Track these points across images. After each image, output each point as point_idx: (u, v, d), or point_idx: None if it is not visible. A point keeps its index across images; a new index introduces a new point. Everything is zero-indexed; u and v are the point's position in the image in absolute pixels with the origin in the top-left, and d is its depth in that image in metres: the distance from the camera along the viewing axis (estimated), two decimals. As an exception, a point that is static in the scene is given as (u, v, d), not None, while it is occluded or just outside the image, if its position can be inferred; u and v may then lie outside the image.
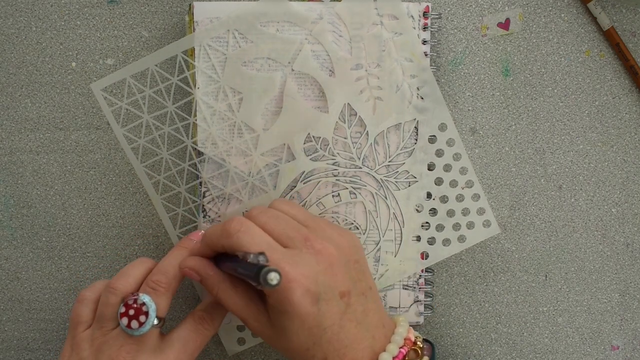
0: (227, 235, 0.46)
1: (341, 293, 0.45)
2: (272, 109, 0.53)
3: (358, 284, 0.47)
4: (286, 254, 0.45)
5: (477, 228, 0.56)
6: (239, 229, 0.46)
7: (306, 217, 0.49)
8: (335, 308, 0.45)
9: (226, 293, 0.47)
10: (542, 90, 0.57)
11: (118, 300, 0.47)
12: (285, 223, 0.47)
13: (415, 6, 0.53)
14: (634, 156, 0.57)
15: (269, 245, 0.45)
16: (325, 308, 0.44)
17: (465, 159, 0.55)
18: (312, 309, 0.44)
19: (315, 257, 0.45)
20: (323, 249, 0.46)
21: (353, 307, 0.46)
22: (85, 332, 0.48)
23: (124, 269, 0.49)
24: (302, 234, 0.46)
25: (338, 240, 0.47)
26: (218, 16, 0.52)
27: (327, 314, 0.44)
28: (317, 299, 0.44)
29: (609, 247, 0.58)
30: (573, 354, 0.59)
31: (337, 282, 0.45)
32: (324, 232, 0.47)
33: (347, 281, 0.46)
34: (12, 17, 0.55)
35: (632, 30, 0.56)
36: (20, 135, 0.56)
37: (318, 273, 0.44)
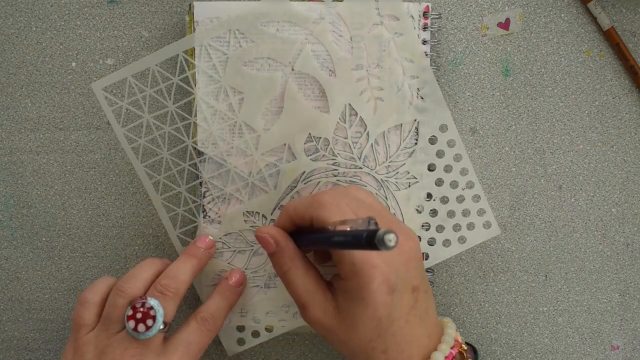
0: (319, 206, 0.45)
1: (413, 287, 0.45)
2: (272, 109, 0.53)
3: (424, 281, 0.47)
4: None
5: (477, 229, 0.56)
6: (331, 201, 0.45)
7: (382, 207, 0.49)
8: (406, 302, 0.45)
9: (297, 273, 0.46)
10: (542, 90, 0.57)
11: (126, 302, 0.47)
12: (367, 208, 0.47)
13: (415, 6, 0.53)
14: (634, 156, 0.57)
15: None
16: (398, 300, 0.44)
17: (465, 160, 0.55)
18: (387, 298, 0.44)
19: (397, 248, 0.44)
20: (404, 241, 0.46)
21: (420, 302, 0.46)
22: (88, 335, 0.47)
23: (133, 271, 0.49)
24: (385, 221, 0.46)
25: (413, 236, 0.47)
26: (218, 16, 0.52)
27: (398, 306, 0.44)
28: (393, 289, 0.44)
29: (609, 247, 0.58)
30: (573, 354, 0.59)
31: (412, 276, 0.45)
32: (399, 225, 0.48)
33: (418, 277, 0.46)
34: (12, 17, 0.55)
35: (632, 30, 0.56)
36: (20, 135, 0.56)
37: (399, 264, 0.44)
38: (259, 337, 0.56)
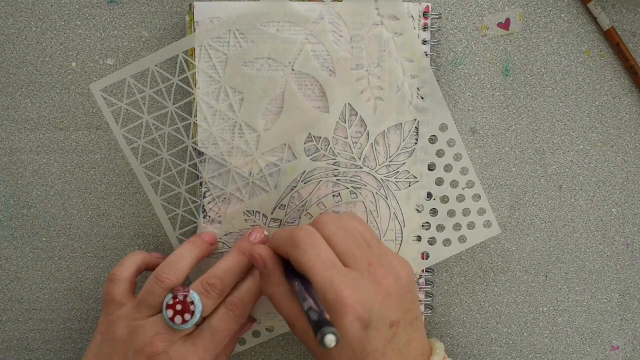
0: (293, 244, 0.46)
1: (391, 322, 0.45)
2: (272, 109, 0.53)
3: (407, 313, 0.47)
4: (347, 277, 0.44)
5: (477, 228, 0.56)
6: (305, 240, 0.46)
7: (372, 237, 0.49)
8: (382, 336, 0.45)
9: (282, 297, 0.47)
10: (542, 90, 0.57)
11: (164, 292, 0.48)
12: (352, 240, 0.47)
13: (415, 6, 0.53)
14: (634, 156, 0.57)
15: (332, 263, 0.45)
16: (373, 335, 0.44)
17: (465, 159, 0.55)
18: (360, 334, 0.44)
19: (375, 285, 0.45)
20: (384, 279, 0.46)
21: (399, 336, 0.46)
22: (121, 311, 0.49)
23: (172, 257, 0.50)
24: (367, 257, 0.46)
25: (398, 269, 0.47)
26: (218, 16, 0.52)
27: (373, 340, 0.44)
28: (367, 325, 0.44)
29: (609, 247, 0.58)
30: (573, 354, 0.59)
31: (390, 312, 0.45)
32: (386, 258, 0.47)
33: (399, 311, 0.46)
34: (12, 17, 0.55)
35: (632, 30, 0.56)
36: (20, 135, 0.56)
37: (374, 302, 0.44)
38: (260, 336, 0.56)
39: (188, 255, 0.50)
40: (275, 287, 0.47)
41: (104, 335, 0.49)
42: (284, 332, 0.57)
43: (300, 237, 0.46)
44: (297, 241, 0.46)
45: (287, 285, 0.47)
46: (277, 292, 0.47)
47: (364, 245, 0.47)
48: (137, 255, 0.52)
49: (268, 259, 0.48)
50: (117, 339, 0.48)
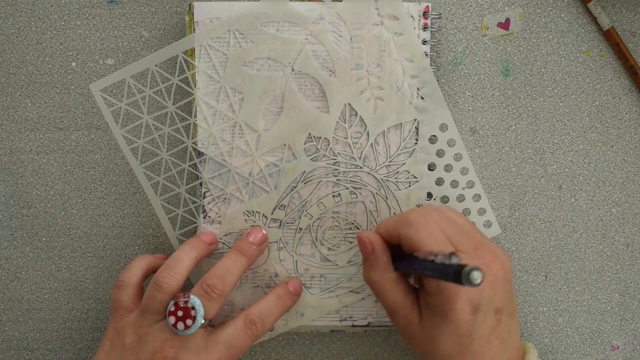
0: (406, 224, 0.46)
1: (497, 309, 0.45)
2: (272, 109, 0.53)
3: (509, 303, 0.47)
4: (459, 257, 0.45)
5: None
6: (419, 220, 0.46)
7: (473, 227, 0.49)
8: (488, 322, 0.45)
9: (388, 283, 0.47)
10: (542, 90, 0.57)
11: (165, 297, 0.48)
12: (456, 227, 0.47)
13: (415, 6, 0.53)
14: (634, 156, 0.57)
15: (444, 243, 0.45)
16: (481, 320, 0.44)
17: (466, 160, 0.55)
18: (470, 317, 0.44)
19: (484, 268, 0.45)
20: (492, 262, 0.46)
21: (502, 324, 0.46)
22: (129, 318, 0.48)
23: (171, 261, 0.49)
24: (473, 242, 0.47)
25: (501, 256, 0.47)
26: (218, 16, 0.52)
27: (480, 325, 0.45)
28: (477, 309, 0.44)
29: (609, 247, 0.58)
30: (573, 354, 0.59)
31: (497, 297, 0.45)
32: (489, 245, 0.48)
33: (503, 298, 0.46)
34: (12, 17, 0.55)
35: (632, 30, 0.56)
36: (20, 135, 0.56)
37: (485, 285, 0.45)
38: (259, 337, 0.56)
39: (186, 257, 0.50)
40: (381, 272, 0.47)
41: (112, 342, 0.48)
42: (284, 332, 0.57)
43: (413, 217, 0.46)
44: (410, 221, 0.46)
45: (393, 272, 0.47)
46: (382, 279, 0.47)
47: (468, 233, 0.48)
48: (143, 260, 0.52)
49: (376, 243, 0.48)
50: (126, 346, 0.48)
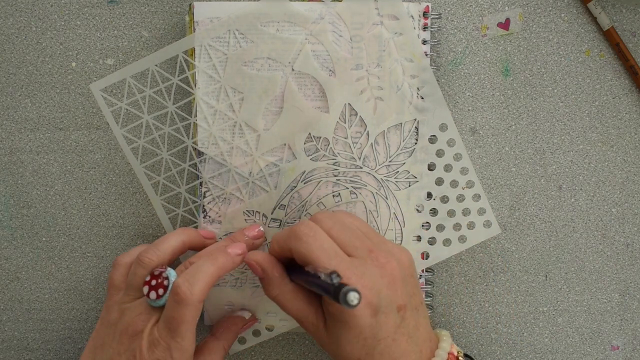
0: (296, 238, 0.46)
1: (399, 307, 0.46)
2: (272, 109, 0.53)
3: (413, 298, 0.47)
4: (352, 264, 0.45)
5: (477, 228, 0.56)
6: (307, 232, 0.46)
7: (368, 229, 0.50)
8: (391, 321, 0.45)
9: (285, 297, 0.47)
10: (542, 90, 0.57)
11: (145, 272, 0.48)
12: (350, 231, 0.48)
13: (415, 6, 0.53)
14: (634, 156, 0.57)
15: (335, 253, 0.46)
16: (383, 320, 0.45)
17: (465, 159, 0.55)
18: (371, 320, 0.44)
19: (379, 270, 0.45)
20: (387, 262, 0.46)
21: (407, 320, 0.46)
22: (117, 296, 0.49)
23: (159, 240, 0.50)
24: (367, 245, 0.47)
25: (399, 254, 0.48)
26: (218, 16, 0.52)
27: (383, 326, 0.45)
28: (377, 311, 0.44)
29: (609, 247, 0.58)
30: (573, 354, 0.59)
31: (397, 296, 0.46)
32: (385, 246, 0.48)
33: (405, 295, 0.46)
34: (12, 17, 0.55)
35: (632, 30, 0.56)
36: (20, 135, 0.56)
37: (381, 286, 0.45)
38: (260, 336, 0.56)
39: (173, 239, 0.50)
40: (277, 287, 0.48)
41: (102, 320, 0.49)
42: (284, 332, 0.57)
43: (302, 230, 0.46)
44: (299, 235, 0.46)
45: (289, 284, 0.48)
46: (281, 293, 0.48)
47: (362, 236, 0.48)
48: (141, 246, 0.52)
49: (264, 263, 0.48)
50: (111, 322, 0.48)
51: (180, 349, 0.45)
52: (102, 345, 0.48)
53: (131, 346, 0.46)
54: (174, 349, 0.45)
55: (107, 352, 0.47)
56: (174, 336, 0.45)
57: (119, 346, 0.46)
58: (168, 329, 0.45)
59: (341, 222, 0.48)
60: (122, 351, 0.46)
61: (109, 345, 0.47)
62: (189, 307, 0.45)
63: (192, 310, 0.45)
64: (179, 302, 0.45)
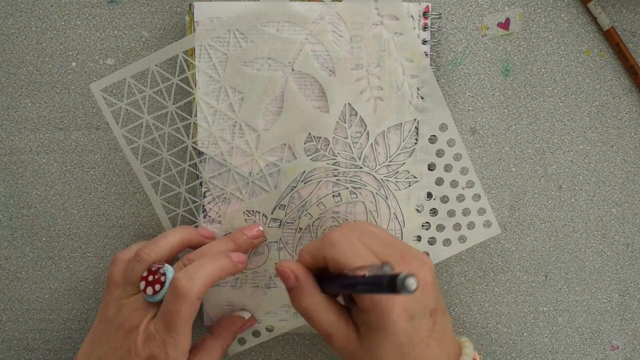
0: (330, 245, 0.46)
1: (431, 311, 0.46)
2: (272, 109, 0.53)
3: (440, 303, 0.48)
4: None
5: (477, 228, 0.56)
6: (341, 240, 0.46)
7: (392, 237, 0.50)
8: (425, 325, 0.45)
9: (319, 307, 0.46)
10: (542, 90, 0.57)
11: (142, 268, 0.48)
12: (379, 239, 0.48)
13: (415, 6, 0.53)
14: (634, 156, 0.57)
15: (371, 258, 0.45)
16: (418, 325, 0.45)
17: (465, 159, 0.55)
18: (407, 325, 0.44)
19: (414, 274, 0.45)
20: (419, 267, 0.46)
21: (437, 325, 0.46)
22: (116, 292, 0.50)
23: (158, 237, 0.50)
24: (398, 251, 0.47)
25: (425, 260, 0.48)
26: (218, 16, 0.52)
27: (418, 330, 0.45)
28: (412, 316, 0.44)
29: (609, 247, 0.58)
30: (573, 354, 0.59)
31: (429, 301, 0.46)
32: (413, 252, 0.48)
33: (435, 300, 0.47)
34: (12, 17, 0.55)
35: (632, 30, 0.56)
36: (20, 135, 0.56)
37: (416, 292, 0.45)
38: (260, 336, 0.56)
39: (172, 236, 0.50)
40: (310, 298, 0.47)
41: (100, 316, 0.49)
42: (284, 332, 0.57)
43: (335, 237, 0.46)
44: (333, 242, 0.46)
45: (322, 295, 0.47)
46: (312, 304, 0.47)
47: (390, 243, 0.48)
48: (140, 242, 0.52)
49: (298, 271, 0.47)
50: (108, 317, 0.48)
51: (175, 345, 0.45)
52: (99, 340, 0.48)
53: (127, 341, 0.46)
54: (169, 344, 0.45)
55: (104, 347, 0.47)
56: (169, 331, 0.45)
57: (115, 341, 0.47)
58: (164, 324, 0.45)
59: (369, 231, 0.48)
60: (118, 346, 0.46)
61: (105, 340, 0.47)
62: (187, 302, 0.45)
63: (189, 305, 0.45)
64: (177, 296, 0.45)
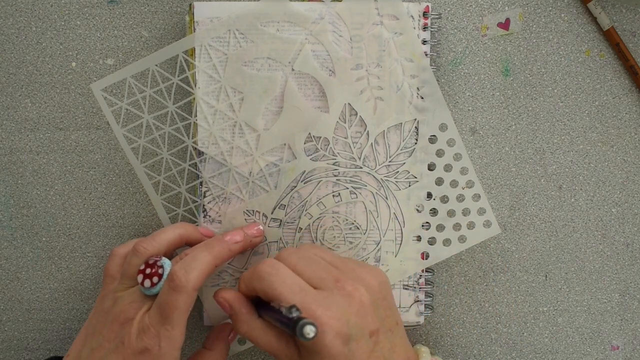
0: (259, 278, 0.46)
1: (370, 332, 0.46)
2: (272, 108, 0.53)
3: (386, 320, 0.47)
4: (318, 297, 0.45)
5: (477, 228, 0.56)
6: (269, 271, 0.46)
7: (335, 259, 0.49)
8: (364, 347, 0.45)
9: (256, 332, 0.47)
10: (542, 90, 0.57)
11: (140, 261, 0.48)
12: (315, 264, 0.48)
13: (415, 6, 0.53)
14: (634, 156, 0.57)
15: (300, 287, 0.45)
16: (355, 347, 0.45)
17: (465, 159, 0.55)
18: (342, 349, 0.44)
19: (346, 299, 0.45)
20: (354, 290, 0.46)
21: (381, 344, 0.46)
22: (112, 285, 0.50)
23: (157, 232, 0.51)
24: (333, 275, 0.47)
25: (368, 279, 0.48)
26: (218, 16, 0.52)
27: (356, 353, 0.45)
28: (348, 340, 0.44)
29: (609, 247, 0.58)
30: (573, 354, 0.59)
31: (367, 322, 0.46)
32: (353, 273, 0.48)
33: (376, 320, 0.46)
34: (12, 17, 0.55)
35: (632, 30, 0.56)
36: (20, 135, 0.56)
37: (350, 315, 0.45)
38: (259, 337, 0.56)
39: (170, 231, 0.50)
40: (246, 324, 0.47)
41: (96, 309, 0.49)
42: (284, 332, 0.57)
43: (264, 269, 0.46)
44: (261, 274, 0.46)
45: (257, 320, 0.48)
46: (249, 328, 0.47)
47: (328, 267, 0.48)
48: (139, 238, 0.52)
49: (232, 299, 0.48)
50: (104, 310, 0.48)
51: (168, 337, 0.45)
52: (94, 333, 0.48)
53: (121, 333, 0.46)
54: (163, 337, 0.45)
55: (98, 339, 0.47)
56: (164, 323, 0.45)
57: (110, 333, 0.47)
58: (160, 315, 0.45)
59: (306, 257, 0.48)
60: (112, 338, 0.46)
61: (99, 332, 0.47)
62: (184, 294, 0.45)
63: (186, 297, 0.45)
64: (174, 288, 0.45)
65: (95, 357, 0.46)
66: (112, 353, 0.45)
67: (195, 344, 0.58)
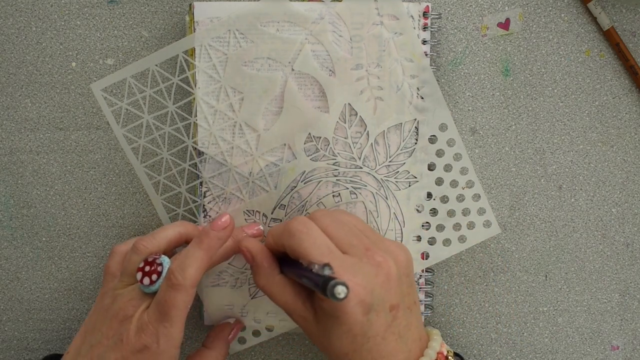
0: (289, 235, 0.46)
1: (391, 306, 0.46)
2: (272, 108, 0.53)
3: (406, 297, 0.47)
4: (346, 262, 0.45)
5: (477, 228, 0.56)
6: (301, 229, 0.46)
7: (366, 227, 0.50)
8: (382, 320, 0.45)
9: (275, 287, 0.47)
10: (542, 90, 0.57)
11: (139, 259, 0.48)
12: (347, 229, 0.48)
13: (415, 6, 0.53)
14: (634, 156, 0.57)
15: (329, 250, 0.46)
16: (374, 319, 0.45)
17: (465, 159, 0.55)
18: (362, 318, 0.44)
19: (374, 268, 0.45)
20: (383, 261, 0.46)
21: (398, 320, 0.46)
22: (112, 283, 0.50)
23: (157, 230, 0.51)
24: (364, 243, 0.47)
25: (396, 253, 0.48)
26: (218, 16, 0.52)
27: (374, 325, 0.45)
28: (369, 309, 0.44)
29: (609, 247, 0.58)
30: (573, 354, 0.59)
31: (390, 295, 0.46)
32: (383, 244, 0.48)
33: (399, 295, 0.46)
34: (12, 17, 0.55)
35: (632, 30, 0.56)
36: (20, 135, 0.56)
37: (375, 285, 0.45)
38: (260, 336, 0.56)
39: (170, 229, 0.50)
40: (266, 278, 0.48)
41: (96, 306, 0.50)
42: (284, 332, 0.57)
43: (295, 226, 0.46)
44: (292, 231, 0.46)
45: (278, 275, 0.48)
46: (268, 283, 0.48)
47: (359, 234, 0.48)
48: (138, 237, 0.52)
49: (255, 251, 0.48)
50: (103, 307, 0.48)
51: (167, 335, 0.45)
52: (93, 330, 0.48)
53: (119, 330, 0.46)
54: (161, 334, 0.45)
55: (96, 336, 0.47)
56: (162, 320, 0.45)
57: (108, 330, 0.47)
58: (158, 312, 0.45)
59: (338, 220, 0.48)
60: (111, 335, 0.46)
61: (98, 329, 0.47)
62: (181, 291, 0.45)
63: (184, 295, 0.45)
64: (171, 286, 0.45)
65: (94, 353, 0.46)
66: (111, 350, 0.46)
67: (195, 344, 0.58)
